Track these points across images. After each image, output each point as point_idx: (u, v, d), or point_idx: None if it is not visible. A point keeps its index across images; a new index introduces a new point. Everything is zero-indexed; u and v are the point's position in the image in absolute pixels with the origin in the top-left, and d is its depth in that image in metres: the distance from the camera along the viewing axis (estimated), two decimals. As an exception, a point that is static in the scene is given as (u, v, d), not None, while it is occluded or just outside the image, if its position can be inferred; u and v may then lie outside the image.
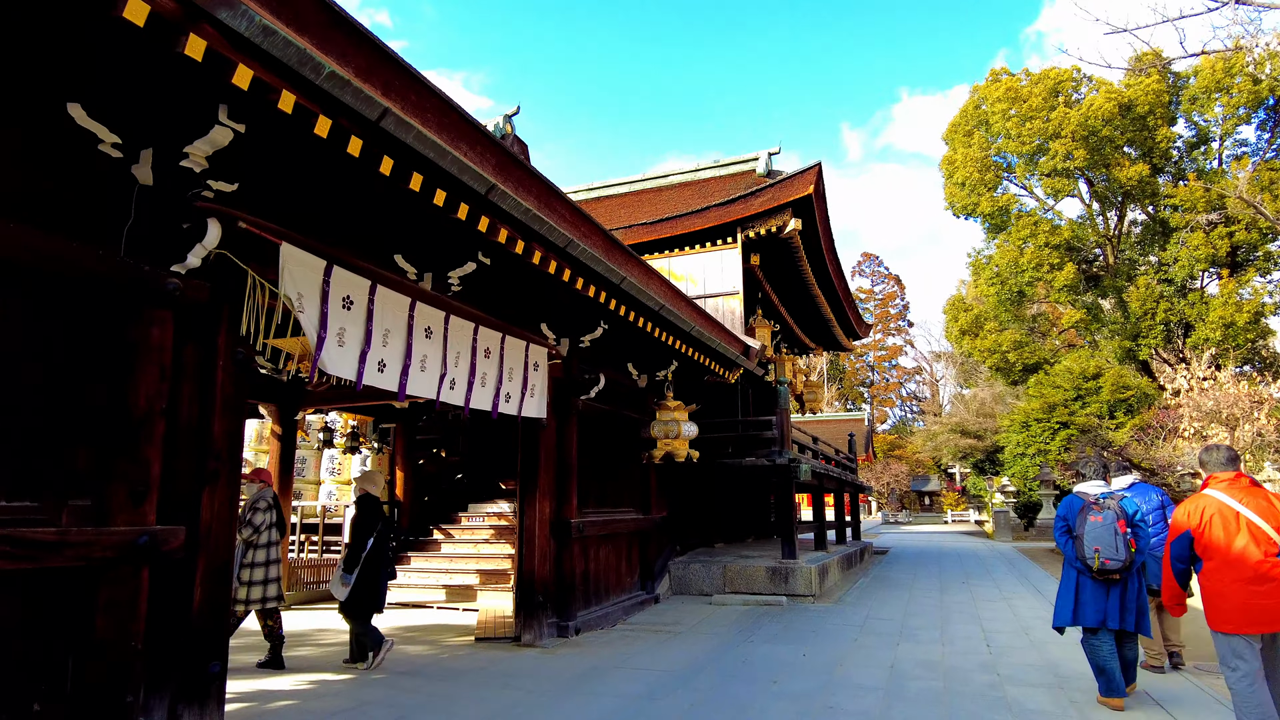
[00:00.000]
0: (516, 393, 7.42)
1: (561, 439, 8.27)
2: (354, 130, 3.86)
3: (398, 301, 5.84)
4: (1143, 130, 25.13)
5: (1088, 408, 26.23)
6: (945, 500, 51.30)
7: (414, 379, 6.00)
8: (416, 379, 6.04)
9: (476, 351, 6.78)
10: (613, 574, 9.37)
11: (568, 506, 8.14)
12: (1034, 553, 19.29)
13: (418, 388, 6.06)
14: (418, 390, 6.07)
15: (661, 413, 9.29)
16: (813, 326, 16.76)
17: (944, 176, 29.95)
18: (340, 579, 6.48)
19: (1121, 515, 5.09)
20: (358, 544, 6.56)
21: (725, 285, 11.77)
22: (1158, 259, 26.60)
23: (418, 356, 6.05)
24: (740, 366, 10.96)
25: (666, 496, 11.53)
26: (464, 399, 6.64)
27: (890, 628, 8.35)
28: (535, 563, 7.63)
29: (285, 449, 9.98)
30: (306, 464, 12.79)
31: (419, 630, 8.31)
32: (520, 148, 9.78)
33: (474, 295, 6.75)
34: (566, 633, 7.85)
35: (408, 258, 6.06)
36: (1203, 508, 4.32)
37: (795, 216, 11.32)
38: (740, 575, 10.65)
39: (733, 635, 7.98)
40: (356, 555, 6.50)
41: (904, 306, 69.49)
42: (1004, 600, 10.38)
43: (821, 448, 14.79)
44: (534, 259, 5.73)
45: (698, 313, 8.79)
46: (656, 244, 12.09)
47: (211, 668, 4.18)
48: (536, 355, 7.76)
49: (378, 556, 6.62)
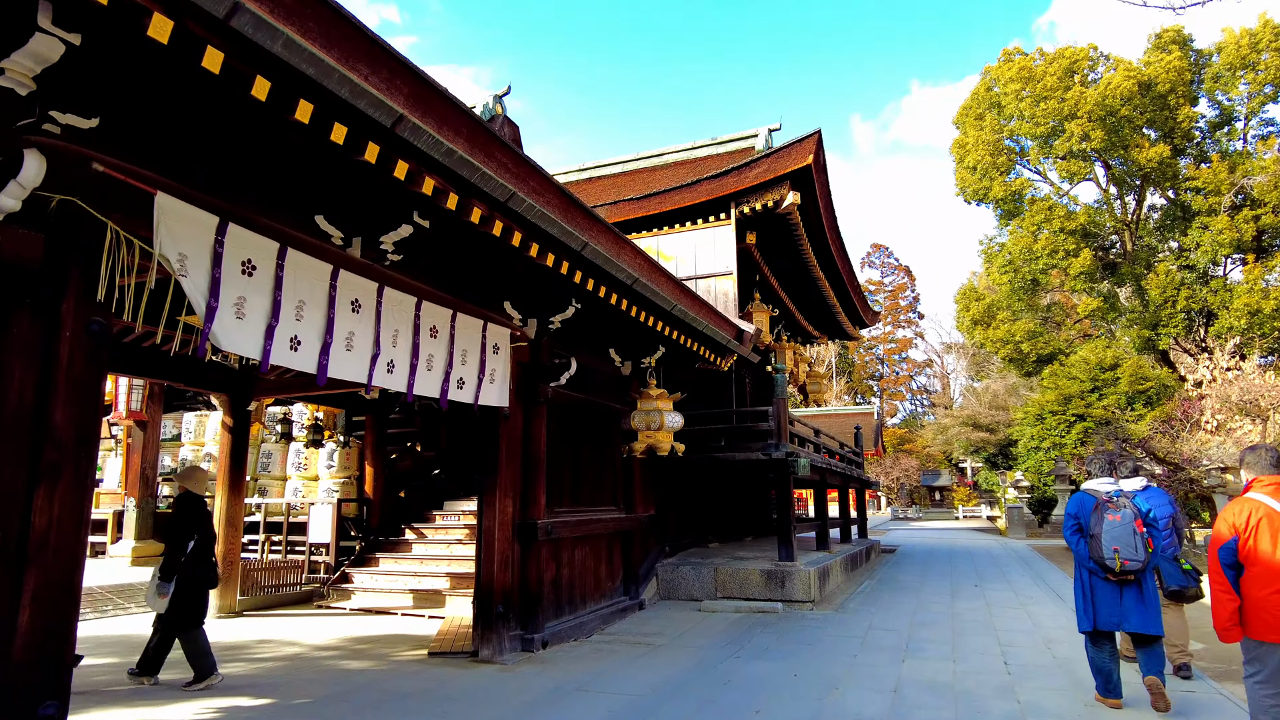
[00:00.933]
0: (472, 378, 6.60)
1: (528, 430, 7.44)
2: (209, 38, 3.04)
3: (315, 269, 5.03)
4: (1163, 110, 24.07)
5: (1105, 399, 25.21)
6: (956, 496, 50.29)
7: (338, 359, 5.18)
8: (341, 360, 5.22)
9: (420, 330, 5.96)
10: (590, 579, 8.54)
11: (534, 505, 7.31)
12: (1050, 551, 18.37)
13: (343, 369, 5.24)
14: (343, 373, 5.25)
15: (643, 401, 8.43)
16: (816, 313, 15.86)
17: (955, 160, 28.96)
18: (157, 588, 5.60)
19: (1138, 514, 4.91)
20: (176, 548, 5.70)
21: (718, 265, 10.91)
22: (1179, 244, 25.56)
23: (342, 333, 5.23)
24: (733, 353, 10.10)
25: (655, 493, 10.69)
26: (405, 384, 5.83)
27: (895, 640, 7.50)
28: (495, 569, 6.81)
29: (237, 442, 9.19)
30: (272, 459, 12.00)
31: (371, 642, 7.51)
32: (511, 130, 8.94)
33: (417, 265, 5.93)
34: (532, 646, 7.03)
35: (332, 219, 5.23)
36: (1248, 512, 4.02)
37: (793, 190, 10.43)
38: (732, 579, 9.81)
39: (718, 649, 7.15)
40: (174, 561, 5.64)
41: (914, 298, 68.35)
42: (1021, 607, 9.49)
43: (825, 441, 13.91)
44: (473, 217, 4.89)
45: (682, 291, 7.94)
46: (644, 221, 11.23)
47: (43, 711, 3.37)
48: (497, 336, 6.93)
49: (199, 562, 5.78)
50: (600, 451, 9.13)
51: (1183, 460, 15.99)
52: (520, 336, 7.33)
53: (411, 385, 5.87)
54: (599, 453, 9.09)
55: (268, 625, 8.41)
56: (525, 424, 7.44)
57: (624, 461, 9.58)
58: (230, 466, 9.15)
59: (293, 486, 11.78)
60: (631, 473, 9.67)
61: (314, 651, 7.06)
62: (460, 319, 6.41)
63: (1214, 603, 4.05)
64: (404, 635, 7.91)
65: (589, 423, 8.87)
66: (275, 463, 12.03)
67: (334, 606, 9.70)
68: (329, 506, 10.67)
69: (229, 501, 9.08)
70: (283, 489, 11.90)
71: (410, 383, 5.85)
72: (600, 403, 8.95)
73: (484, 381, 6.69)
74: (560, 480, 8.11)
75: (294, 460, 11.82)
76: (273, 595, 9.75)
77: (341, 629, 8.23)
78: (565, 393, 8.08)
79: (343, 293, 5.22)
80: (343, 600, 10.02)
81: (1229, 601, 3.97)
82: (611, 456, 9.36)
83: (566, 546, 8.03)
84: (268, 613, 9.27)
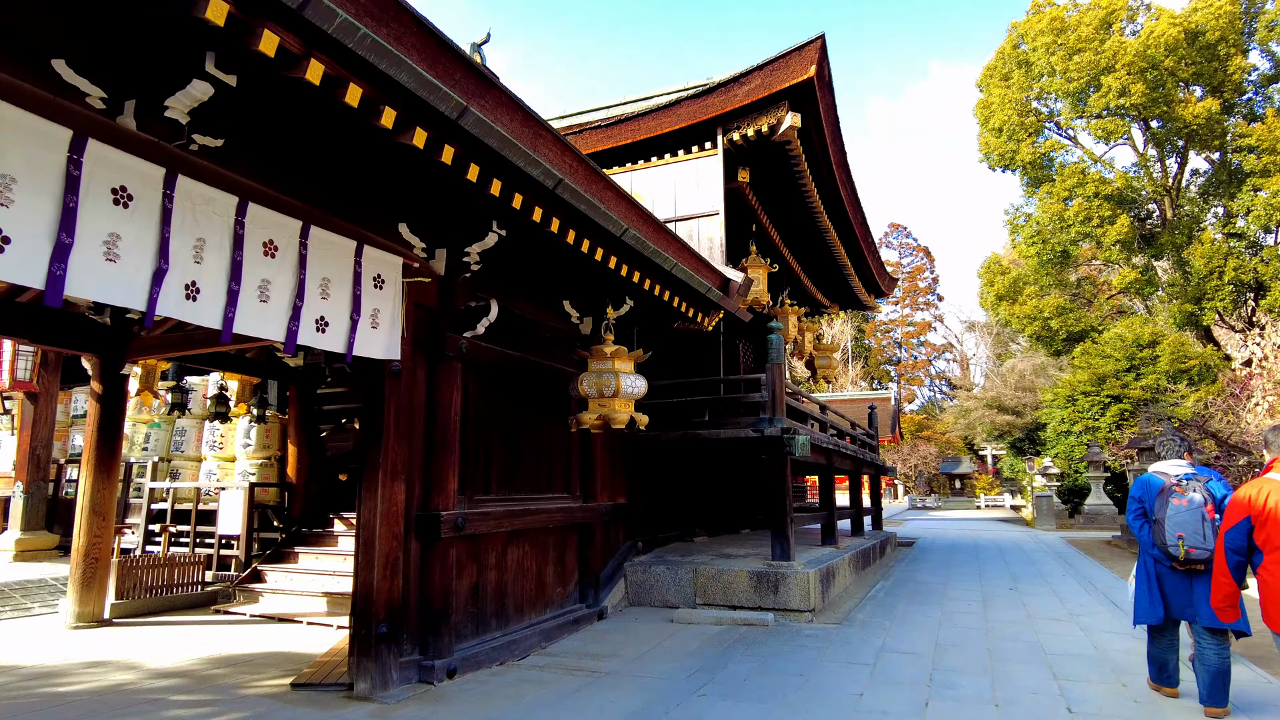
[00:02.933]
0: (340, 318, 4.87)
1: (434, 394, 5.70)
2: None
3: (43, 135, 3.33)
4: (1211, 61, 21.89)
5: (1143, 379, 23.19)
6: (978, 484, 48.22)
7: (84, 272, 3.48)
8: (92, 272, 3.52)
9: (246, 243, 4.22)
10: (529, 584, 6.82)
11: (441, 492, 5.58)
12: (1086, 545, 16.46)
13: (94, 288, 3.54)
14: (95, 292, 3.55)
15: (594, 360, 6.63)
16: (825, 276, 13.99)
17: (978, 124, 26.89)
18: None
19: (1210, 500, 4.55)
20: None
21: (702, 205, 9.09)
22: (1225, 209, 23.40)
23: (94, 234, 3.53)
24: (718, 308, 8.32)
25: (625, 478, 8.95)
26: (217, 316, 4.10)
27: (916, 669, 5.73)
28: (377, 575, 5.09)
29: (108, 414, 7.53)
30: (187, 437, 10.36)
31: (235, 665, 5.83)
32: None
33: (241, 155, 4.19)
34: (432, 676, 5.32)
35: (85, 69, 3.52)
36: (1266, 493, 4.04)
37: (792, 110, 8.60)
38: (715, 582, 8.06)
39: (680, 681, 5.41)
40: None
41: (933, 280, 66.04)
42: (1072, 619, 7.68)
43: (833, 419, 12.11)
44: (306, 73, 3.20)
45: (641, 216, 6.15)
46: (613, 155, 9.43)
47: None
48: (381, 266, 5.19)
49: None
50: (548, 426, 7.39)
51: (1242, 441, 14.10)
52: (422, 270, 5.58)
53: (229, 320, 4.14)
54: (546, 428, 7.36)
55: (128, 638, 6.76)
56: (430, 385, 5.70)
57: (582, 439, 7.84)
58: (98, 443, 7.49)
59: (207, 469, 10.13)
60: (591, 453, 7.93)
61: (148, 680, 5.38)
62: (316, 235, 4.67)
63: (1214, 585, 4.25)
64: (287, 654, 6.22)
65: (532, 390, 7.14)
66: (190, 441, 10.38)
67: (233, 612, 8.05)
68: (240, 492, 9.01)
69: (95, 486, 7.43)
70: (197, 471, 10.26)
71: (226, 316, 4.13)
72: (548, 365, 7.19)
73: (359, 324, 4.95)
74: (486, 460, 6.38)
75: (209, 439, 10.16)
76: (161, 598, 8.11)
77: (219, 643, 6.57)
78: (493, 348, 6.34)
79: (95, 175, 3.52)
80: (248, 603, 8.37)
81: (1226, 585, 4.16)
82: (565, 433, 7.63)
83: (493, 544, 6.30)
84: (147, 620, 7.63)
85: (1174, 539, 4.51)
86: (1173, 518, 4.55)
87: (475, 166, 4.43)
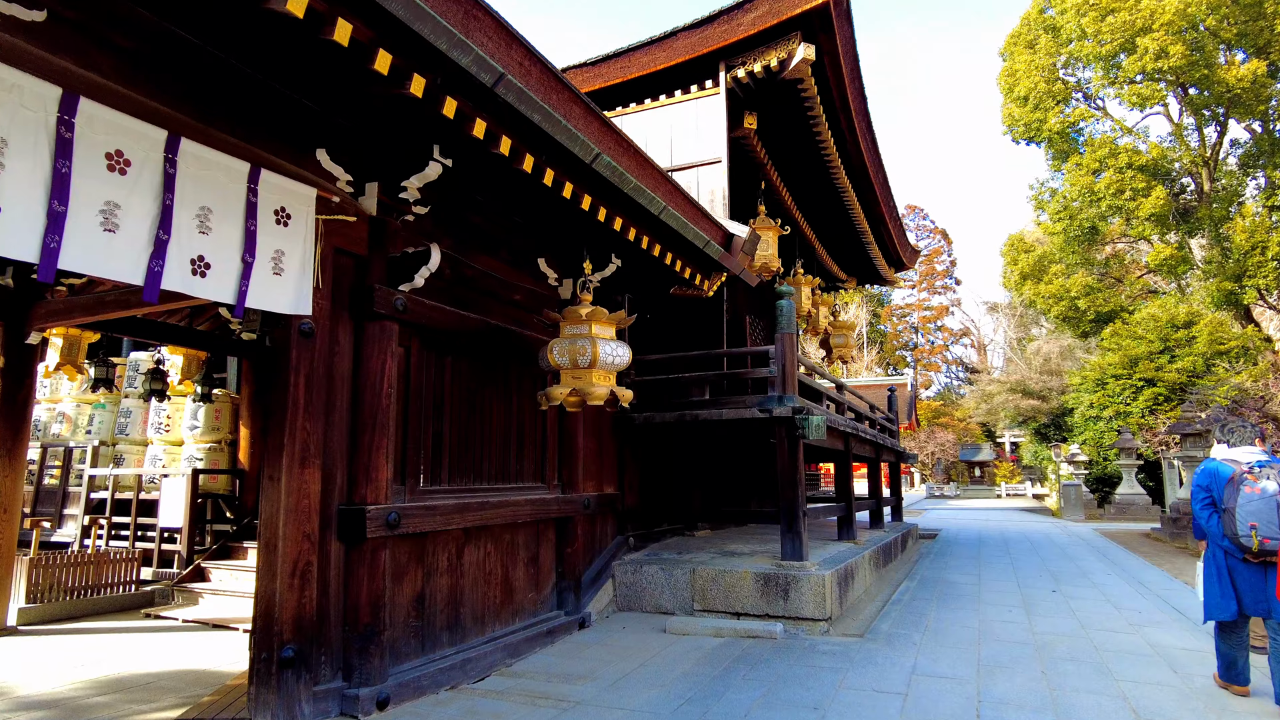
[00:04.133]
0: (228, 260, 3.80)
1: (361, 360, 4.63)
2: None
3: None
4: (1257, 19, 20.43)
5: (1178, 361, 21.86)
6: (998, 472, 46.87)
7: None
8: None
9: (77, 151, 3.17)
10: (494, 590, 5.77)
11: (370, 482, 4.52)
12: (1122, 538, 15.28)
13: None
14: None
15: (568, 324, 5.53)
16: (841, 243, 12.82)
17: (1002, 93, 25.50)
18: None
19: None
20: None
21: (703, 152, 7.96)
22: (1268, 180, 21.95)
23: None
24: (721, 269, 7.22)
25: (614, 464, 7.90)
26: (37, 248, 3.06)
27: (958, 701, 4.64)
28: (280, 586, 4.04)
29: (10, 388, 6.53)
30: (132, 419, 9.40)
31: (130, 689, 4.82)
32: None
33: (85, 33, 3.12)
34: (357, 708, 4.28)
35: None
36: None
37: (805, 42, 7.44)
38: (716, 584, 6.99)
39: (665, 715, 4.35)
40: None
41: (951, 263, 64.41)
42: (1134, 629, 6.56)
43: (850, 400, 10.99)
44: None
45: (617, 140, 5.05)
46: (603, 96, 8.31)
47: None
48: (287, 198, 4.12)
49: None
50: (519, 406, 6.32)
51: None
52: (345, 207, 4.51)
53: (51, 251, 3.09)
54: (516, 407, 6.29)
55: (23, 652, 5.77)
56: (357, 350, 4.64)
57: (561, 420, 6.77)
58: (4, 419, 6.50)
59: (153, 454, 9.13)
60: (572, 437, 6.86)
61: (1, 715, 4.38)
62: (197, 153, 3.61)
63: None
64: (200, 674, 5.21)
65: (498, 362, 6.07)
66: (135, 423, 9.39)
67: (165, 616, 7.06)
68: (183, 479, 8.01)
69: (-4, 473, 6.44)
70: (142, 457, 9.27)
71: (47, 246, 3.07)
72: (518, 333, 6.12)
73: (254, 268, 3.88)
74: (435, 444, 5.32)
75: (155, 420, 9.17)
76: (85, 600, 7.13)
77: (127, 659, 5.57)
78: (444, 308, 5.27)
79: None
80: (186, 606, 7.40)
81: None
82: (539, 413, 6.57)
83: (444, 544, 5.25)
84: (62, 628, 6.65)
85: (1246, 529, 4.34)
86: (1244, 507, 4.37)
87: (385, 54, 3.34)
